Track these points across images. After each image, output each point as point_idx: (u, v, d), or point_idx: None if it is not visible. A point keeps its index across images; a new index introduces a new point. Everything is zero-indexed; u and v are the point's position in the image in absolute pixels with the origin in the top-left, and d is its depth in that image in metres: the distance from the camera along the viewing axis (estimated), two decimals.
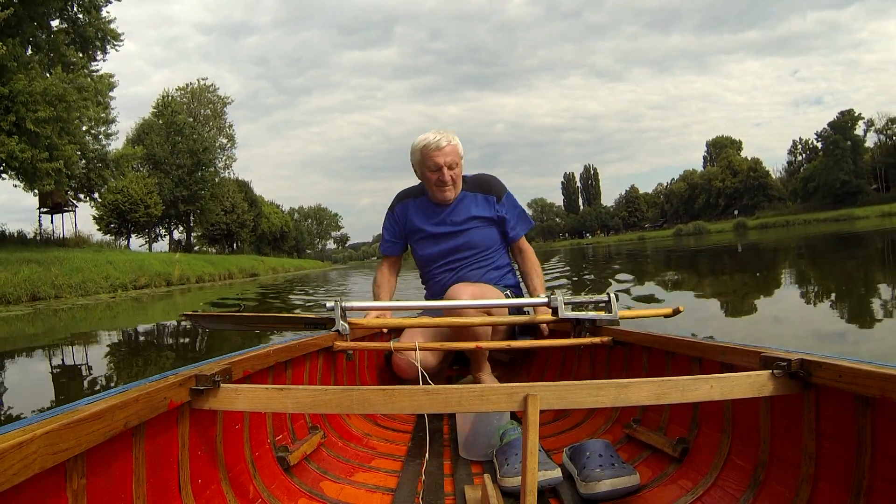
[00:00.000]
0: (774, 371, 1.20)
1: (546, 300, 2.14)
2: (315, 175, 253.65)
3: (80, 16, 25.88)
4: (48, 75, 22.35)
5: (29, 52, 22.83)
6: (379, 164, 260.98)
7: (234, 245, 59.99)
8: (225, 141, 55.73)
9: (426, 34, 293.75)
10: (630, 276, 11.67)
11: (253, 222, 61.61)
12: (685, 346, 1.65)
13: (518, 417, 1.92)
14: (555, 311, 2.11)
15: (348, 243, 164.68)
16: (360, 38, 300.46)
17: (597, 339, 2.10)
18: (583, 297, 2.24)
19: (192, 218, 51.84)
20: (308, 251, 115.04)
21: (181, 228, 53.33)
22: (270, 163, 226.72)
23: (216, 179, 52.03)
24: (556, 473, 1.47)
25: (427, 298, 2.68)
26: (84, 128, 24.64)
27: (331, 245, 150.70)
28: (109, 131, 26.87)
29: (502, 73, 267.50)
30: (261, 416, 1.52)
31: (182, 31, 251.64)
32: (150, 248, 46.46)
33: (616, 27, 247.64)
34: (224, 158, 55.26)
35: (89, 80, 24.46)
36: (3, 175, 22.87)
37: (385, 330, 2.51)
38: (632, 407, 1.81)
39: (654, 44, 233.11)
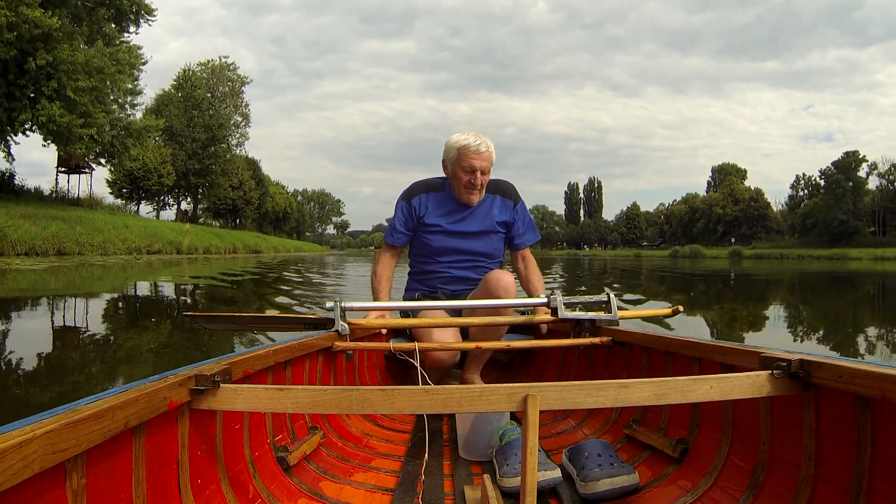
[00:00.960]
0: (774, 371, 1.21)
1: (546, 300, 2.13)
2: (321, 159, 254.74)
3: None
4: (83, 46, 23.32)
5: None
6: (386, 155, 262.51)
7: (237, 220, 60.85)
8: (240, 119, 56.72)
9: (446, 30, 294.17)
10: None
11: (258, 200, 62.53)
12: (685, 347, 1.66)
13: (518, 418, 1.92)
14: (554, 311, 2.10)
15: (347, 230, 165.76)
16: (380, 28, 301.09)
17: (596, 340, 2.10)
18: (582, 298, 2.24)
19: (199, 191, 52.64)
20: (307, 234, 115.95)
21: (189, 199, 54.64)
22: (279, 142, 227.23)
23: (228, 156, 53.04)
24: (556, 474, 1.47)
25: (420, 289, 2.68)
26: (111, 97, 25.54)
27: (330, 230, 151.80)
28: (135, 102, 27.87)
29: (518, 76, 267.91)
30: (260, 416, 1.53)
31: (202, 3, 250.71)
32: (157, 216, 47.65)
33: (636, 43, 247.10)
34: (237, 136, 56.43)
35: (126, 54, 25.43)
36: (28, 132, 23.83)
37: (384, 330, 2.50)
38: (631, 407, 1.82)
39: (671, 63, 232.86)
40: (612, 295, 2.16)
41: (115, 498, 0.98)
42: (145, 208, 48.79)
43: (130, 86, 26.82)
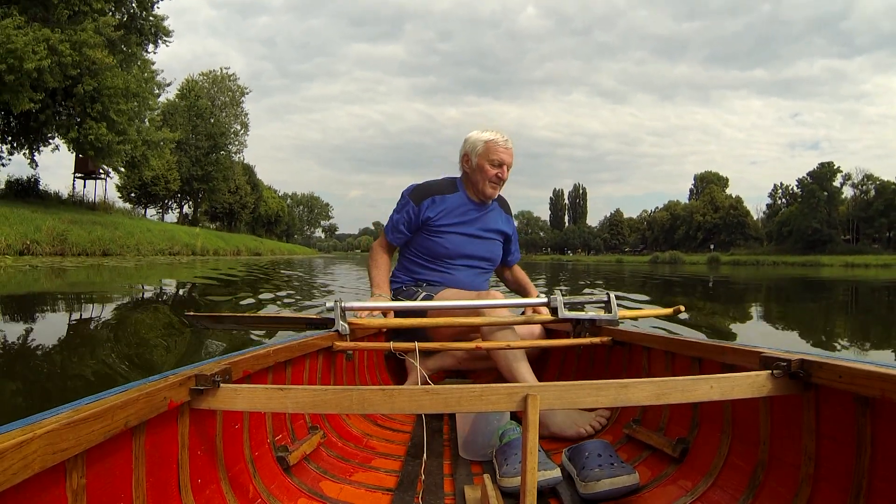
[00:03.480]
0: (774, 371, 1.21)
1: (546, 300, 2.13)
2: (309, 161, 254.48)
3: (136, 10, 28.50)
4: (119, 69, 25.87)
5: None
6: (374, 158, 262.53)
7: (233, 224, 62.72)
8: (239, 128, 58.46)
9: (435, 34, 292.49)
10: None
11: (253, 204, 64.29)
12: (685, 346, 1.66)
13: (518, 417, 1.84)
14: (554, 311, 2.09)
15: (335, 233, 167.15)
16: (370, 31, 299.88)
17: (596, 340, 2.09)
18: (582, 297, 2.23)
19: (200, 195, 54.38)
20: (296, 236, 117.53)
21: (190, 203, 56.58)
22: (267, 144, 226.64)
23: (228, 163, 55.00)
24: (556, 473, 1.47)
25: (427, 290, 2.61)
26: (140, 114, 27.96)
27: (318, 233, 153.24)
28: (153, 116, 30.07)
29: (506, 81, 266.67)
30: (260, 415, 1.52)
31: (193, 3, 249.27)
32: (161, 219, 49.34)
33: (624, 50, 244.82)
34: (237, 144, 58.18)
35: (157, 78, 28.80)
36: (51, 140, 26.08)
37: (385, 330, 2.48)
38: (632, 407, 1.82)
39: (660, 71, 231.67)
40: (612, 295, 2.16)
41: (115, 498, 0.98)
42: (149, 212, 50.88)
43: (152, 103, 29.05)
